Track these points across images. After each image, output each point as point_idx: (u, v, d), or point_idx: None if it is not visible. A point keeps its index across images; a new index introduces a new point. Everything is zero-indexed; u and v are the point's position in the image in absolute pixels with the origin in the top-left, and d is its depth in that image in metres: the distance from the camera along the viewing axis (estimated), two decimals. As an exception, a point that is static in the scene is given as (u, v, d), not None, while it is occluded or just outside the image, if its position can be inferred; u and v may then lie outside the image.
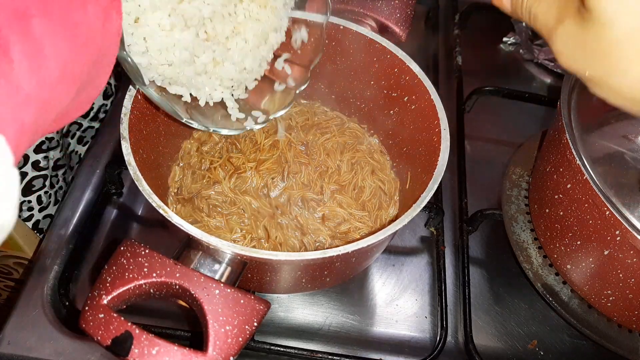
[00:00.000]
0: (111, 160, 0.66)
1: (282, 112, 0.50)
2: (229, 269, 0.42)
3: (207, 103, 0.47)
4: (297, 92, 0.50)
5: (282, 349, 0.52)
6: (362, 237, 0.42)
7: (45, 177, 0.63)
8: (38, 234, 0.65)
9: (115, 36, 0.28)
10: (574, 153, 0.47)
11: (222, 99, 0.48)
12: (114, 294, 0.38)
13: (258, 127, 0.50)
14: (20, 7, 0.22)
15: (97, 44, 0.27)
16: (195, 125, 0.46)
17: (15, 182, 0.22)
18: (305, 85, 0.50)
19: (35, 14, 0.22)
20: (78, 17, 0.25)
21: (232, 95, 0.49)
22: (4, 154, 0.21)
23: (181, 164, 0.59)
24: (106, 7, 0.27)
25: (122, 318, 0.37)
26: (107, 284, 0.38)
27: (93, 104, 0.72)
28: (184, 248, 0.43)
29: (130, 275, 0.38)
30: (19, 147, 0.22)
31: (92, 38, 0.26)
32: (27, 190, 0.62)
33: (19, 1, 0.22)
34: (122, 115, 0.47)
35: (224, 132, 0.48)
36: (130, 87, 0.48)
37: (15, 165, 0.22)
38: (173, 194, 0.58)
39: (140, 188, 0.42)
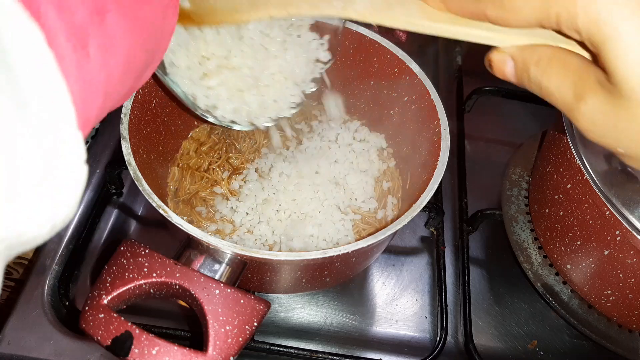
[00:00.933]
0: (111, 160, 0.66)
1: (292, 112, 0.50)
2: (229, 269, 0.42)
3: None
4: (308, 92, 0.49)
5: (282, 349, 0.52)
6: (362, 237, 0.42)
7: (45, 177, 0.63)
8: (38, 234, 0.65)
9: (169, 34, 0.29)
10: (574, 153, 0.47)
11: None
12: (114, 294, 0.38)
13: (269, 124, 0.49)
14: (100, 2, 0.22)
15: (156, 40, 0.27)
16: (210, 119, 0.45)
17: (84, 179, 0.22)
18: (316, 88, 0.50)
19: (110, 8, 0.22)
20: (145, 13, 0.25)
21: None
22: (80, 151, 0.21)
23: (180, 164, 0.59)
24: (166, 4, 0.27)
25: (122, 318, 0.37)
26: (107, 284, 0.38)
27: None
28: (184, 248, 0.43)
29: (130, 276, 0.38)
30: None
31: (153, 34, 0.27)
32: (27, 190, 0.62)
33: None
34: (122, 115, 0.47)
35: (236, 127, 0.48)
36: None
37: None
38: (172, 194, 0.57)
39: (140, 188, 0.42)
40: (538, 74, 0.28)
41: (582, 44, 0.27)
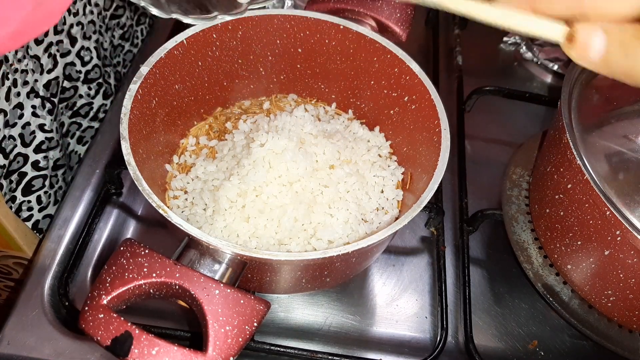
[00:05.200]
0: (111, 160, 0.66)
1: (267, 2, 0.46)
2: (229, 269, 0.42)
3: None
4: None
5: (282, 349, 0.52)
6: (362, 238, 0.42)
7: (44, 177, 0.63)
8: (38, 234, 0.65)
9: None
10: (575, 153, 0.47)
11: None
12: (114, 294, 0.38)
13: (229, 17, 0.45)
14: None
15: None
16: (154, 11, 0.40)
17: None
18: None
19: None
20: None
21: None
22: None
23: (179, 161, 0.59)
24: None
25: (122, 318, 0.37)
26: (107, 284, 0.38)
27: (93, 103, 0.72)
28: (184, 248, 0.43)
29: (130, 276, 0.38)
30: None
31: None
32: (26, 190, 0.62)
33: None
34: (121, 115, 0.46)
35: (188, 20, 0.42)
36: (130, 87, 0.48)
37: None
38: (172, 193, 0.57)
39: (140, 188, 0.42)
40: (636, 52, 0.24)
41: None
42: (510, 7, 0.28)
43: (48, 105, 0.62)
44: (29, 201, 0.62)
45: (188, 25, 0.53)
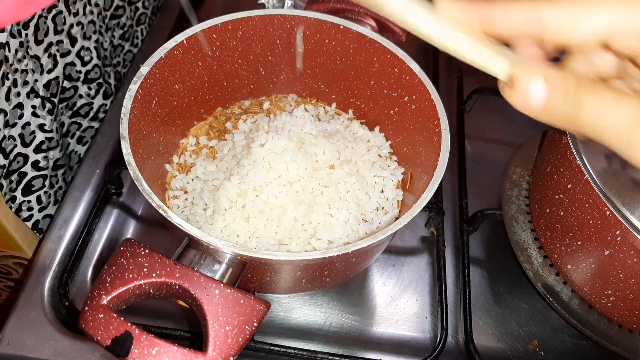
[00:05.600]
0: (111, 160, 0.66)
1: None
2: (229, 269, 0.42)
3: None
4: None
5: (282, 349, 0.52)
6: (362, 238, 0.42)
7: (44, 177, 0.63)
8: (38, 234, 0.65)
9: None
10: (575, 153, 0.47)
11: None
12: (114, 294, 0.38)
13: None
14: None
15: None
16: None
17: None
18: None
19: None
20: None
21: None
22: None
23: (179, 161, 0.59)
24: None
25: (122, 318, 0.37)
26: (107, 284, 0.38)
27: (93, 103, 0.72)
28: (184, 248, 0.43)
29: (130, 276, 0.38)
30: None
31: None
32: (26, 190, 0.62)
33: None
34: (122, 115, 0.46)
35: None
36: (130, 87, 0.48)
37: None
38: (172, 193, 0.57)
39: (140, 188, 0.42)
40: (583, 99, 0.23)
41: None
42: (452, 22, 0.25)
43: (48, 105, 0.62)
44: (29, 201, 0.62)
45: (188, 25, 0.54)
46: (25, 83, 0.57)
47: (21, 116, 0.58)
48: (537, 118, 0.25)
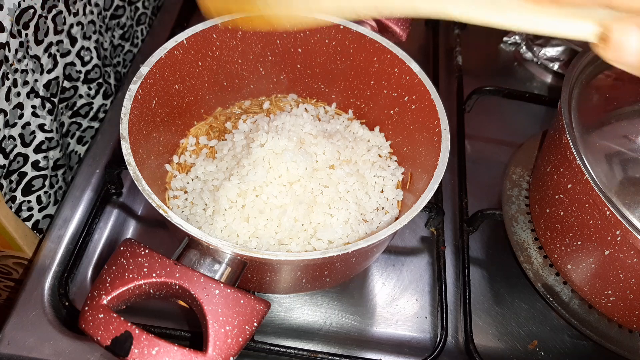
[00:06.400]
0: (111, 160, 0.66)
1: None
2: (229, 269, 0.42)
3: None
4: None
5: (282, 349, 0.52)
6: (362, 238, 0.42)
7: (45, 177, 0.63)
8: (38, 234, 0.65)
9: None
10: (575, 153, 0.47)
11: None
12: (114, 294, 0.38)
13: None
14: None
15: None
16: None
17: None
18: None
19: None
20: None
21: None
22: None
23: (179, 161, 0.59)
24: None
25: (122, 318, 0.37)
26: (107, 284, 0.38)
27: (93, 103, 0.72)
28: (184, 248, 0.43)
29: (130, 276, 0.38)
30: None
31: None
32: (26, 190, 0.62)
33: None
34: (122, 115, 0.46)
35: None
36: (130, 87, 0.48)
37: None
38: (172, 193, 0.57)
39: (140, 188, 0.42)
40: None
41: None
42: (529, 5, 0.26)
43: (48, 105, 0.62)
44: (29, 201, 0.62)
45: (188, 25, 0.54)
46: (25, 83, 0.57)
47: (21, 116, 0.58)
48: (634, 72, 0.24)
